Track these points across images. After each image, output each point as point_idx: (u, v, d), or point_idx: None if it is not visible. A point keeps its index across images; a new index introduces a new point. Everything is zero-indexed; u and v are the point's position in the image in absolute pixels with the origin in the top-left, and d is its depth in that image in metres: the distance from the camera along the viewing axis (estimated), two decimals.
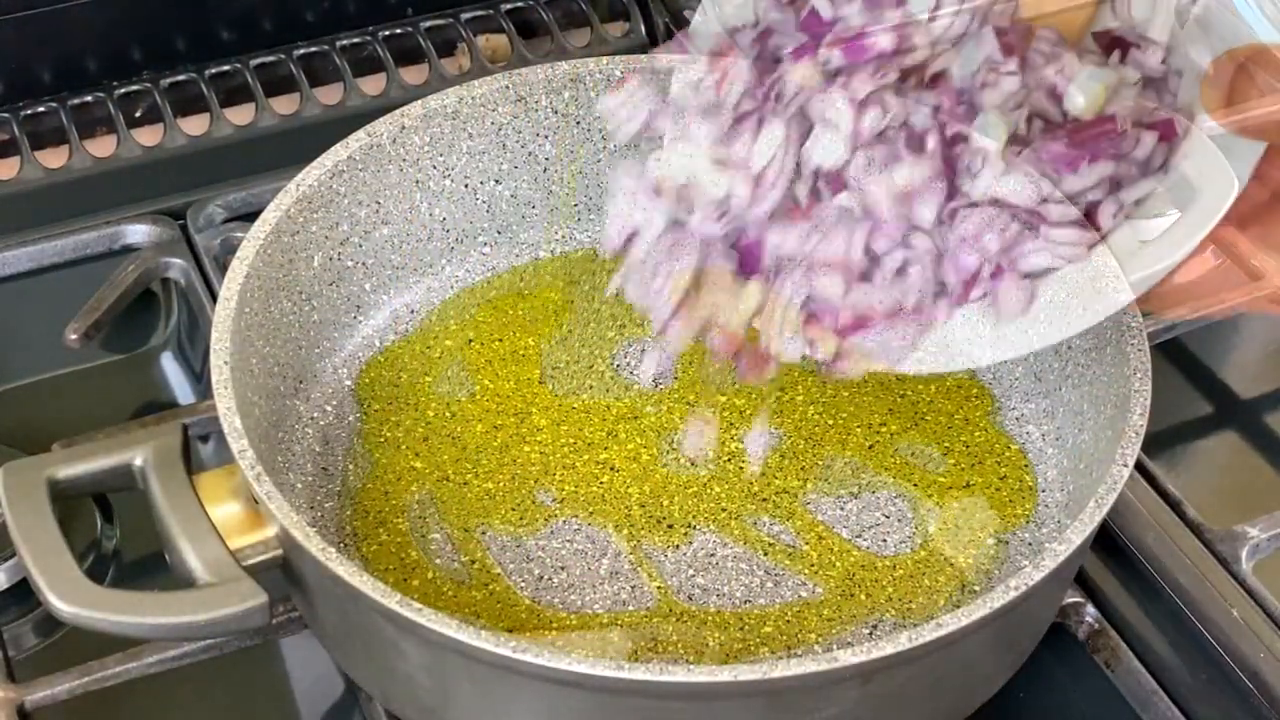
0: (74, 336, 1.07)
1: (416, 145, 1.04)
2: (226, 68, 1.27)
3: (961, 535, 0.95)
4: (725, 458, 0.98)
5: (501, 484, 0.98)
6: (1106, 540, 0.98)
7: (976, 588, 0.92)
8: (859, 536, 0.95)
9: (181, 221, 1.16)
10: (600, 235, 1.06)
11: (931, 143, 0.89)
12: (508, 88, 1.05)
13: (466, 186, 1.07)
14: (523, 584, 0.93)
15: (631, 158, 0.93)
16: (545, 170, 1.08)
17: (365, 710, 0.91)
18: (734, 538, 0.95)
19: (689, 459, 0.98)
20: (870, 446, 1.00)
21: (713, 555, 0.94)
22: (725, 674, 0.77)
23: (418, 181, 1.05)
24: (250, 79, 1.26)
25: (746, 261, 0.91)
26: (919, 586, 0.93)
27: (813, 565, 0.94)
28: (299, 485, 0.96)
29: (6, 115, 1.22)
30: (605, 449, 0.99)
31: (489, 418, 1.01)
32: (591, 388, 1.02)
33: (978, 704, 0.90)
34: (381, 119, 1.03)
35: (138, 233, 1.15)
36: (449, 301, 1.07)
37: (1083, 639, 0.96)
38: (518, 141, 1.07)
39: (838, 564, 0.94)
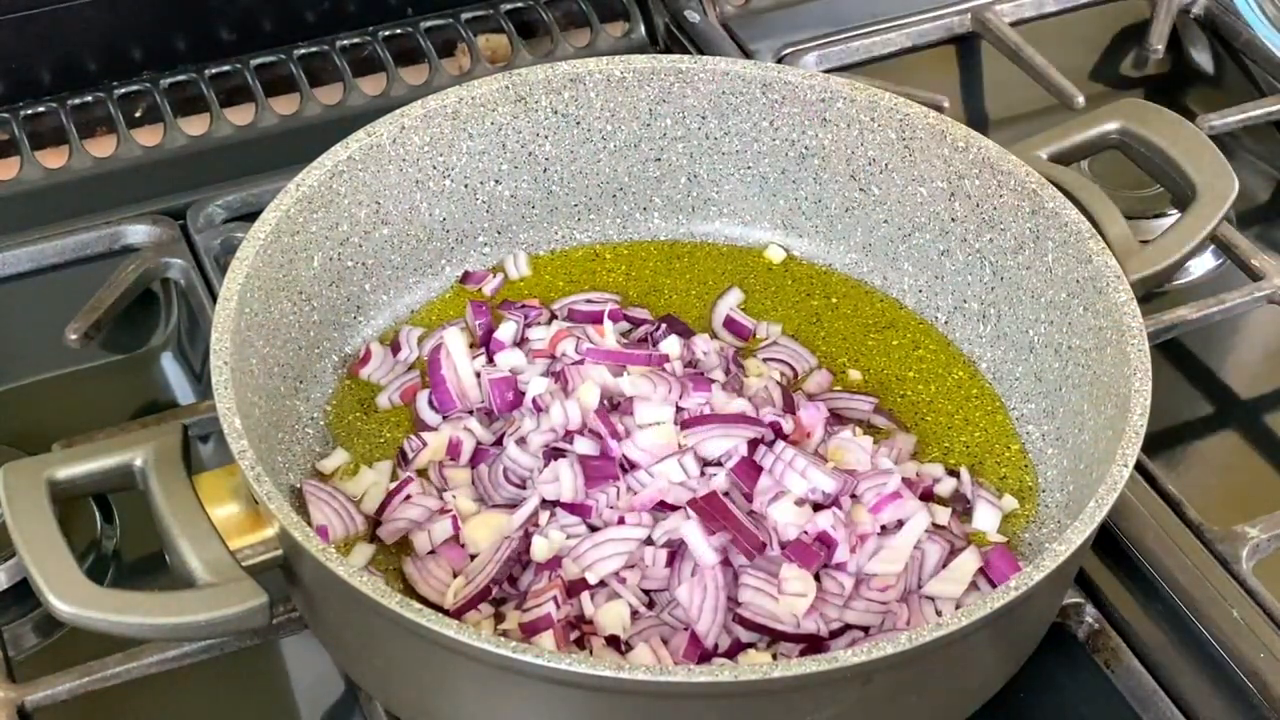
0: (74, 336, 1.07)
1: (416, 145, 1.04)
2: (226, 68, 1.27)
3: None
4: None
5: None
6: (1106, 540, 0.98)
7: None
8: None
9: (181, 221, 1.16)
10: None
11: None
12: (508, 88, 1.05)
13: (466, 186, 1.07)
14: None
15: None
16: (545, 170, 1.08)
17: (365, 710, 0.91)
18: None
19: None
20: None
21: None
22: (726, 674, 0.77)
23: (418, 181, 1.05)
24: (250, 79, 1.26)
25: None
26: None
27: None
28: (299, 485, 0.96)
29: (6, 115, 1.22)
30: None
31: None
32: None
33: (978, 704, 0.90)
34: (381, 119, 1.03)
35: (138, 233, 1.15)
36: (447, 301, 1.07)
37: (1083, 639, 0.96)
38: (518, 141, 1.07)
39: None
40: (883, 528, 0.92)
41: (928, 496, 0.96)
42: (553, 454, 0.95)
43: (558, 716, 0.83)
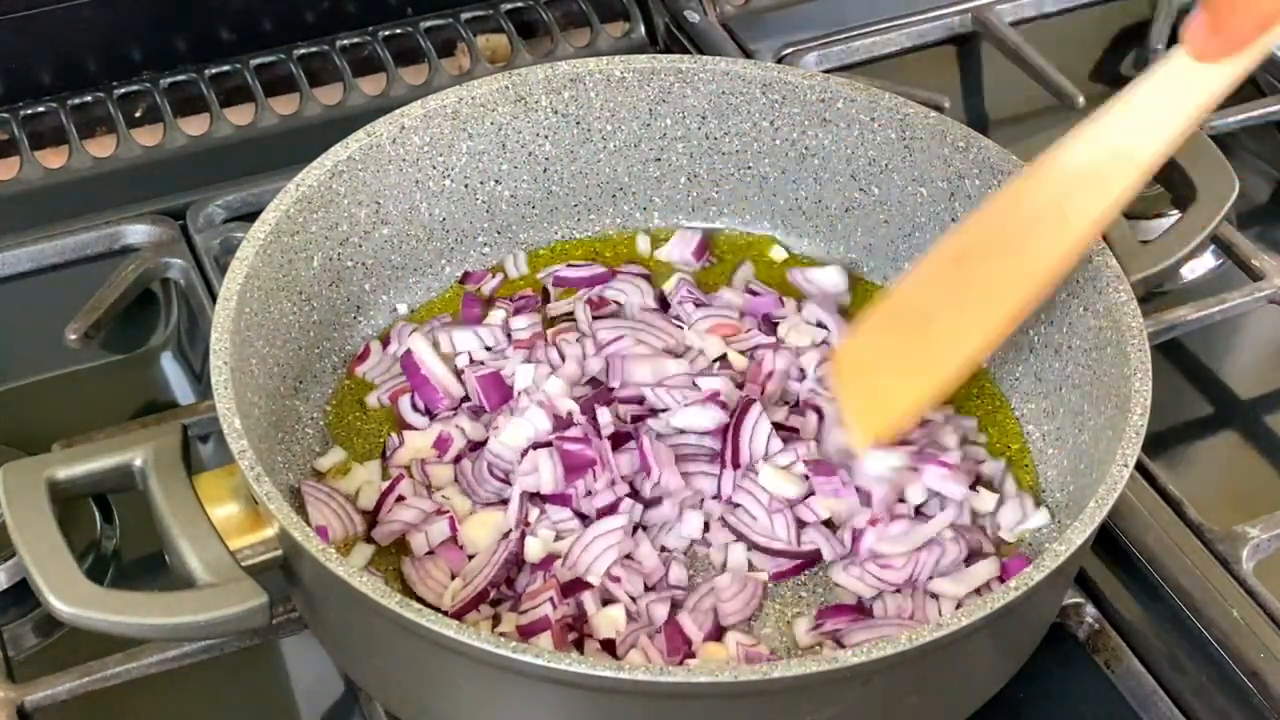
0: (74, 336, 1.07)
1: (416, 145, 1.04)
2: (226, 68, 1.27)
3: None
4: None
5: None
6: (1107, 540, 0.98)
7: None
8: None
9: (181, 221, 1.15)
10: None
11: None
12: (508, 88, 1.05)
13: (466, 186, 1.07)
14: None
15: None
16: (545, 170, 1.08)
17: (365, 710, 0.91)
18: None
19: None
20: None
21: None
22: (725, 674, 0.77)
23: (418, 181, 1.05)
24: (250, 79, 1.26)
25: None
26: None
27: None
28: (298, 485, 0.95)
29: (6, 115, 1.22)
30: None
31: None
32: None
33: (978, 704, 0.90)
34: (381, 119, 1.03)
35: (138, 233, 1.15)
36: (447, 301, 1.07)
37: (1083, 639, 0.96)
38: (518, 141, 1.07)
39: None
40: (918, 510, 0.94)
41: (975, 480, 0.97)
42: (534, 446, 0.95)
43: (557, 716, 0.83)
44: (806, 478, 0.94)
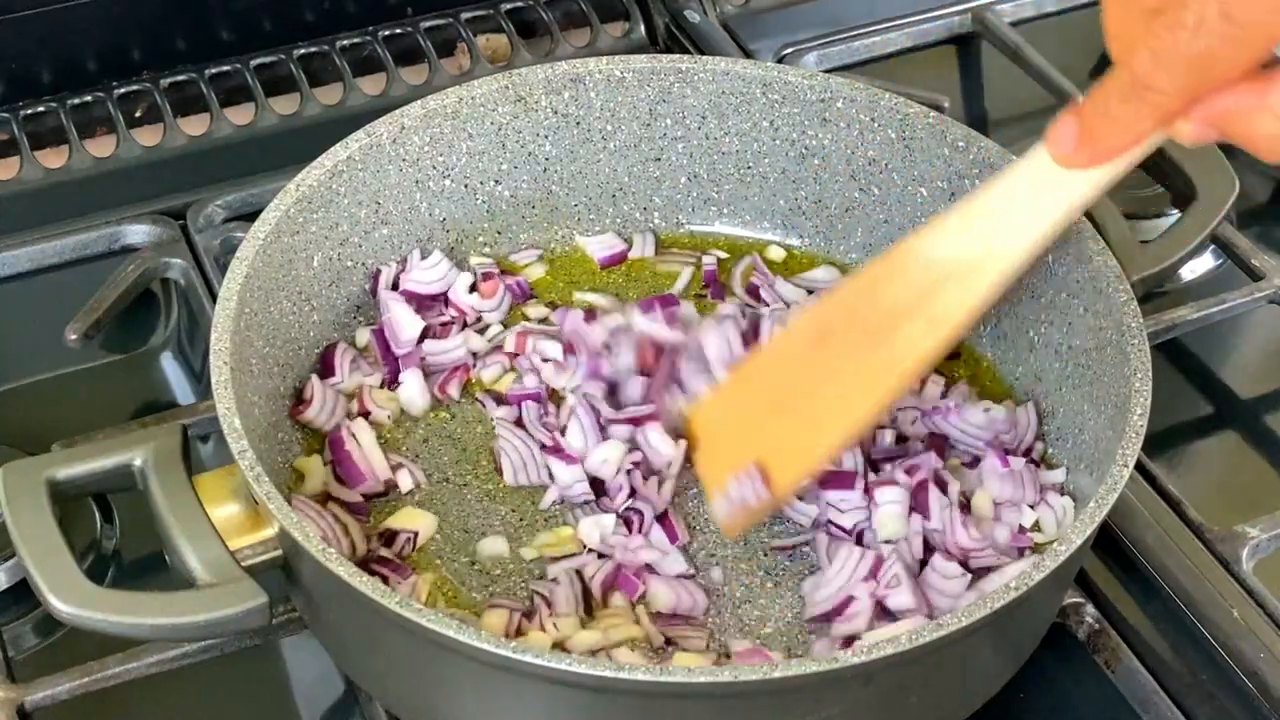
0: (74, 336, 1.07)
1: (416, 145, 1.04)
2: (226, 68, 1.27)
3: None
4: None
5: (500, 485, 0.98)
6: (1107, 540, 0.98)
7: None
8: None
9: (181, 221, 1.16)
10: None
11: None
12: (508, 88, 1.05)
13: (466, 186, 1.07)
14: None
15: None
16: (545, 170, 1.08)
17: (365, 710, 0.91)
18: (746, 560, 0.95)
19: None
20: None
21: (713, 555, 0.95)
22: (725, 674, 0.77)
23: (418, 181, 1.05)
24: (250, 79, 1.26)
25: None
26: None
27: None
28: None
29: (6, 115, 1.22)
30: None
31: (488, 420, 1.01)
32: None
33: (979, 704, 0.90)
34: (381, 119, 1.03)
35: (138, 233, 1.15)
36: None
37: (1083, 639, 0.96)
38: (517, 141, 1.07)
39: None
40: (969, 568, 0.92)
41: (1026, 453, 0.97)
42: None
43: (558, 716, 0.83)
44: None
